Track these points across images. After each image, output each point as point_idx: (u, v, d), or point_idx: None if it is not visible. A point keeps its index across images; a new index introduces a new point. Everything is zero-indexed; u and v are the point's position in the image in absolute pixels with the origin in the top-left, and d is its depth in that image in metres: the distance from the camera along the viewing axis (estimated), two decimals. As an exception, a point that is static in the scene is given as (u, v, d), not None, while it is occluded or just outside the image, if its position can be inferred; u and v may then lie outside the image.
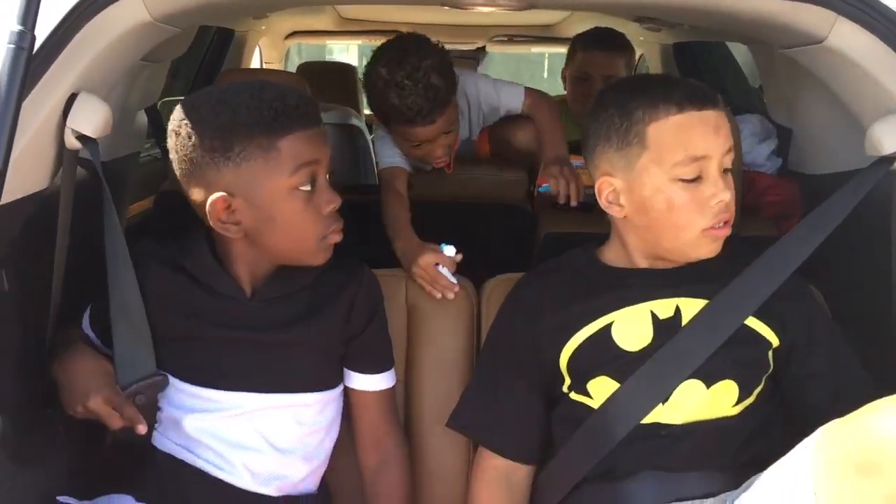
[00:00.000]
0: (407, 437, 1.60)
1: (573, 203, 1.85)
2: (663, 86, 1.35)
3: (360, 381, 1.50)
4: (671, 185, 1.32)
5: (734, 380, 1.34)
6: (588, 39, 2.84)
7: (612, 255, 1.46)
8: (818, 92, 1.66)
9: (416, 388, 1.65)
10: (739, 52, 3.00)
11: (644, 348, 1.35)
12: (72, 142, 1.32)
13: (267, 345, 1.40)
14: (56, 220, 1.36)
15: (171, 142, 1.34)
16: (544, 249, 1.95)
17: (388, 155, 2.05)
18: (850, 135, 1.56)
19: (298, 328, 1.41)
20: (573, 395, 1.40)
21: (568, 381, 1.41)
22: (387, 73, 1.87)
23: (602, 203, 1.39)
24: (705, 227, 1.33)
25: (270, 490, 1.41)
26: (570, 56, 2.88)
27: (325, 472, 1.52)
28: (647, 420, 1.33)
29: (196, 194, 1.33)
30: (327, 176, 1.37)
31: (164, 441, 1.41)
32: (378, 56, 1.93)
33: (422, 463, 1.62)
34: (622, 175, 1.35)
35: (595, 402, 1.37)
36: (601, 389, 1.36)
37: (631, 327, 1.37)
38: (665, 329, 1.36)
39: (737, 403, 1.35)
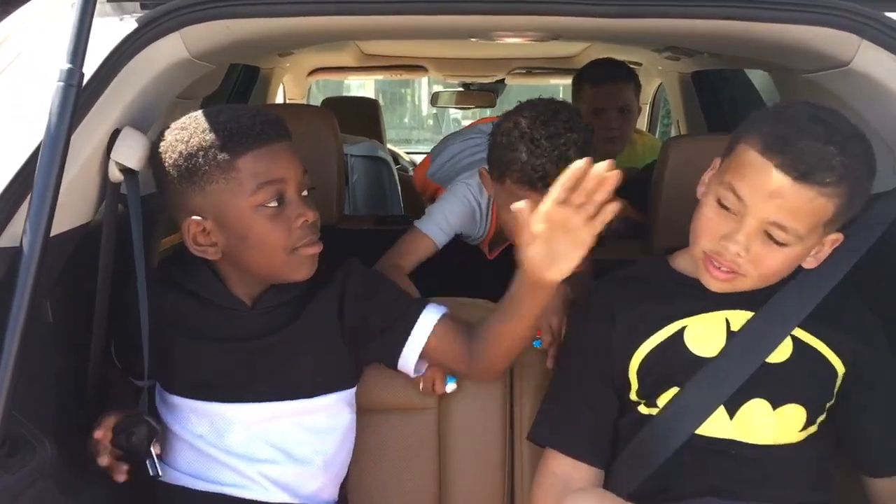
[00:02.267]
0: (439, 469, 1.62)
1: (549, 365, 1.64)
2: None
3: (417, 337, 1.45)
4: None
5: (802, 404, 1.34)
6: (598, 74, 2.83)
7: (684, 264, 1.44)
8: (842, 116, 1.67)
9: (447, 418, 1.65)
10: (758, 78, 3.01)
11: (716, 356, 1.35)
12: (115, 174, 1.36)
13: (267, 350, 1.42)
14: (97, 253, 1.39)
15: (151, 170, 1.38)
16: None
17: (439, 217, 1.86)
18: (877, 157, 1.56)
19: (294, 327, 1.43)
20: (643, 409, 1.39)
21: (635, 386, 1.40)
22: (527, 125, 1.66)
23: None
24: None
25: (290, 498, 1.43)
26: (578, 92, 2.87)
27: (344, 482, 1.54)
28: (717, 435, 1.33)
29: (176, 219, 1.38)
30: (304, 192, 1.38)
31: (175, 474, 1.43)
32: (521, 109, 1.73)
33: (453, 493, 1.64)
34: None
35: None
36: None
37: (704, 332, 1.37)
38: None
39: (802, 429, 1.35)
